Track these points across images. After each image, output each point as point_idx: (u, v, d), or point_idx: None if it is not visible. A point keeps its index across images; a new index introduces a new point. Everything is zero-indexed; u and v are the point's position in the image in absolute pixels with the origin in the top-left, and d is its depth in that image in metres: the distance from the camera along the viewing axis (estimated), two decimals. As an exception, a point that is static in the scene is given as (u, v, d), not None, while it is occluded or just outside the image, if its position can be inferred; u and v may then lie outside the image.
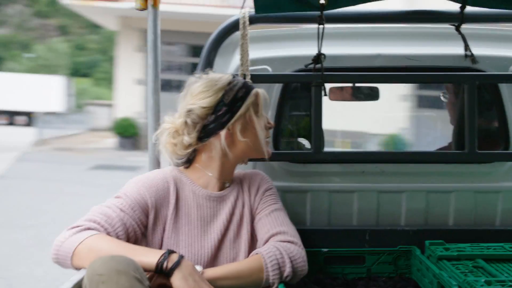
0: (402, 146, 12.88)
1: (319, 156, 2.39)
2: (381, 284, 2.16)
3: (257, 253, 1.79)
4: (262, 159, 2.01)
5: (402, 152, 2.53)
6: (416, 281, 2.20)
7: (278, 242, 1.83)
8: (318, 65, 2.28)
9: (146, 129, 2.20)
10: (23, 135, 21.49)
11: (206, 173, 1.93)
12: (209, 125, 1.86)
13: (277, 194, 2.05)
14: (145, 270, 1.59)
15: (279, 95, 2.55)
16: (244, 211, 1.97)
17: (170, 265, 1.61)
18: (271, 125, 2.01)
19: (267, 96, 2.00)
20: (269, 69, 2.51)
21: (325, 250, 2.29)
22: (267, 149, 1.98)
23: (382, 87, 2.68)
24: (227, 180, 1.99)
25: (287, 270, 1.76)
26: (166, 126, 1.92)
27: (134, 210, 1.79)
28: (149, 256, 1.62)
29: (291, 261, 1.77)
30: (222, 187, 1.98)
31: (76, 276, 1.60)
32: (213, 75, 1.94)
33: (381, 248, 2.31)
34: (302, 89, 2.75)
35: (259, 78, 2.30)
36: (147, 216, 1.82)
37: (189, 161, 1.96)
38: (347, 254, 2.30)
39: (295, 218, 2.22)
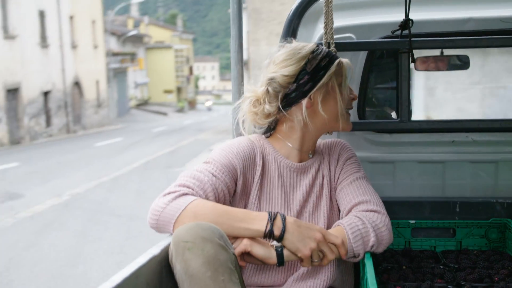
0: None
1: (406, 125, 2.31)
2: (472, 257, 2.08)
3: (338, 225, 1.77)
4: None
5: (495, 120, 2.38)
6: (511, 255, 2.12)
7: (360, 212, 1.78)
8: (406, 31, 2.19)
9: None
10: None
11: (287, 143, 1.90)
12: (290, 94, 1.81)
13: (359, 163, 1.97)
14: (253, 236, 1.64)
15: (364, 64, 2.50)
16: (324, 183, 1.93)
17: (278, 232, 1.63)
18: (354, 96, 1.92)
19: (351, 65, 1.92)
20: (353, 37, 2.45)
21: (413, 221, 2.23)
22: (347, 121, 1.90)
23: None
24: (308, 151, 1.94)
25: (372, 240, 1.72)
26: (247, 95, 1.90)
27: (225, 175, 1.78)
28: (254, 224, 1.64)
29: (375, 230, 1.73)
30: (303, 158, 1.93)
31: (162, 242, 1.63)
32: (296, 43, 1.88)
33: (473, 221, 2.22)
34: (388, 57, 2.67)
35: (343, 46, 2.23)
36: (235, 182, 1.81)
37: (269, 131, 1.94)
38: (436, 226, 2.23)
39: (381, 189, 2.18)
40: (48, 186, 12.26)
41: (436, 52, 2.38)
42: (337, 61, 1.83)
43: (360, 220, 1.73)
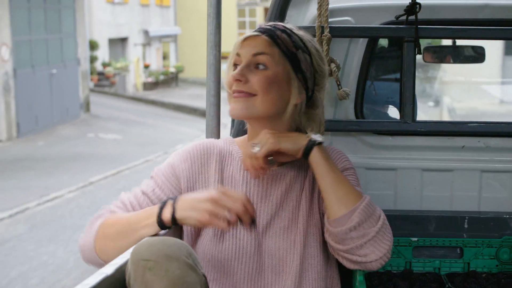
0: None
1: (409, 126, 2.19)
2: (481, 281, 2.01)
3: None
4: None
5: (511, 122, 2.27)
6: (525, 278, 2.07)
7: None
8: (412, 17, 2.09)
9: None
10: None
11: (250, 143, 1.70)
12: None
13: (358, 178, 1.73)
14: (152, 233, 1.56)
15: (363, 53, 2.33)
16: (302, 196, 1.68)
17: (169, 214, 1.55)
18: (232, 76, 1.61)
19: (239, 41, 1.63)
20: (352, 21, 2.30)
21: (415, 239, 2.12)
22: (231, 104, 1.64)
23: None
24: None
25: (377, 225, 1.51)
26: None
27: (163, 189, 1.69)
28: (148, 216, 1.60)
29: (381, 225, 1.52)
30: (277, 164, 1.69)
31: (118, 260, 1.48)
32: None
33: (483, 239, 2.13)
34: (391, 46, 2.57)
35: (339, 32, 2.09)
36: (180, 192, 1.69)
37: None
38: (442, 244, 2.12)
39: (380, 201, 2.05)
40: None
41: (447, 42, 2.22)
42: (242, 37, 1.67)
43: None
